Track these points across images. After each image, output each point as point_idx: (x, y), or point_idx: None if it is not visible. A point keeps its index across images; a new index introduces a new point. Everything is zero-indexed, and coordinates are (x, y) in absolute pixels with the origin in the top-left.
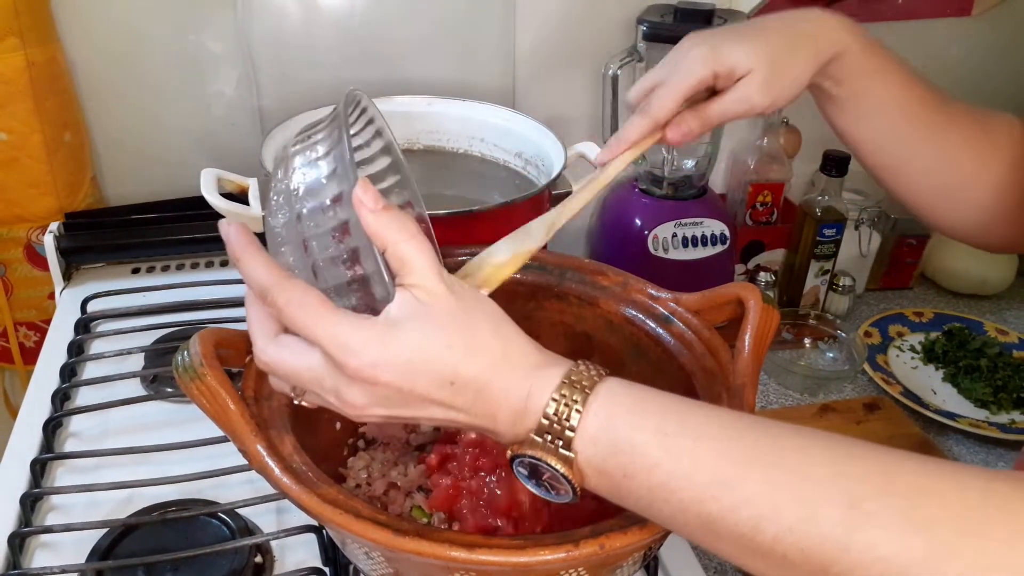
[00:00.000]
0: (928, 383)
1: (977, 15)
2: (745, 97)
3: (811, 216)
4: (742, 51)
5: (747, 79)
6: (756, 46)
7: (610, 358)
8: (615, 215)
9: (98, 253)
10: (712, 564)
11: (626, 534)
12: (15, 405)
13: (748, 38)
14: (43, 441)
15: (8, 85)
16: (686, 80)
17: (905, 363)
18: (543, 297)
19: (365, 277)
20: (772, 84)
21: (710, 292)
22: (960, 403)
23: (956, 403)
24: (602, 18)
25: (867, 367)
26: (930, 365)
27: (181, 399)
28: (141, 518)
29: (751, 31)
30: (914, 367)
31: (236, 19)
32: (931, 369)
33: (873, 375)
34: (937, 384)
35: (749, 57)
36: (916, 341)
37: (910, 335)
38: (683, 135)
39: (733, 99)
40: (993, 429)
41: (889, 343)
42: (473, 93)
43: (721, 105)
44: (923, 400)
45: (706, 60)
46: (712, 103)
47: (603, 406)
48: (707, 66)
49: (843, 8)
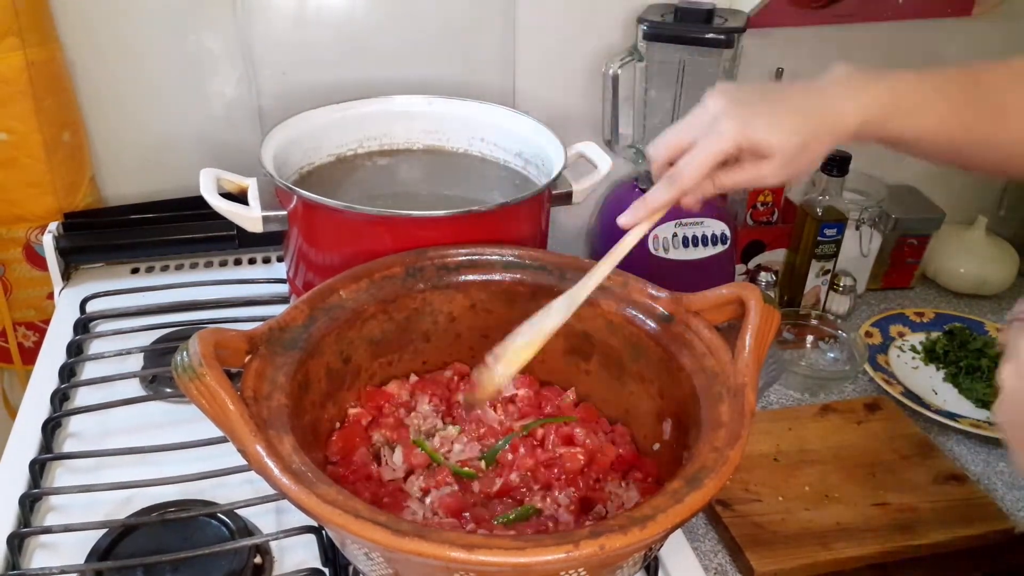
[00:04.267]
0: (929, 383)
1: (977, 15)
2: (761, 176)
3: (812, 216)
4: (772, 134)
5: (767, 162)
6: (784, 130)
7: (610, 358)
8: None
9: (97, 253)
10: (712, 564)
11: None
12: (14, 405)
13: (779, 118)
14: (42, 441)
15: (7, 85)
16: (715, 154)
17: (906, 363)
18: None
19: None
20: (790, 167)
21: (710, 292)
22: (961, 403)
23: (957, 403)
24: (602, 18)
25: (868, 367)
26: (931, 365)
27: (180, 399)
28: (140, 519)
29: (783, 108)
30: (915, 367)
31: (236, 19)
32: (932, 369)
33: (874, 375)
34: (938, 384)
35: (777, 141)
36: (917, 341)
37: (911, 335)
38: (698, 202)
39: (749, 175)
40: (994, 429)
41: (890, 343)
42: (473, 93)
43: (736, 177)
44: (924, 400)
45: (736, 137)
46: (728, 173)
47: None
48: (736, 142)
49: (843, 8)
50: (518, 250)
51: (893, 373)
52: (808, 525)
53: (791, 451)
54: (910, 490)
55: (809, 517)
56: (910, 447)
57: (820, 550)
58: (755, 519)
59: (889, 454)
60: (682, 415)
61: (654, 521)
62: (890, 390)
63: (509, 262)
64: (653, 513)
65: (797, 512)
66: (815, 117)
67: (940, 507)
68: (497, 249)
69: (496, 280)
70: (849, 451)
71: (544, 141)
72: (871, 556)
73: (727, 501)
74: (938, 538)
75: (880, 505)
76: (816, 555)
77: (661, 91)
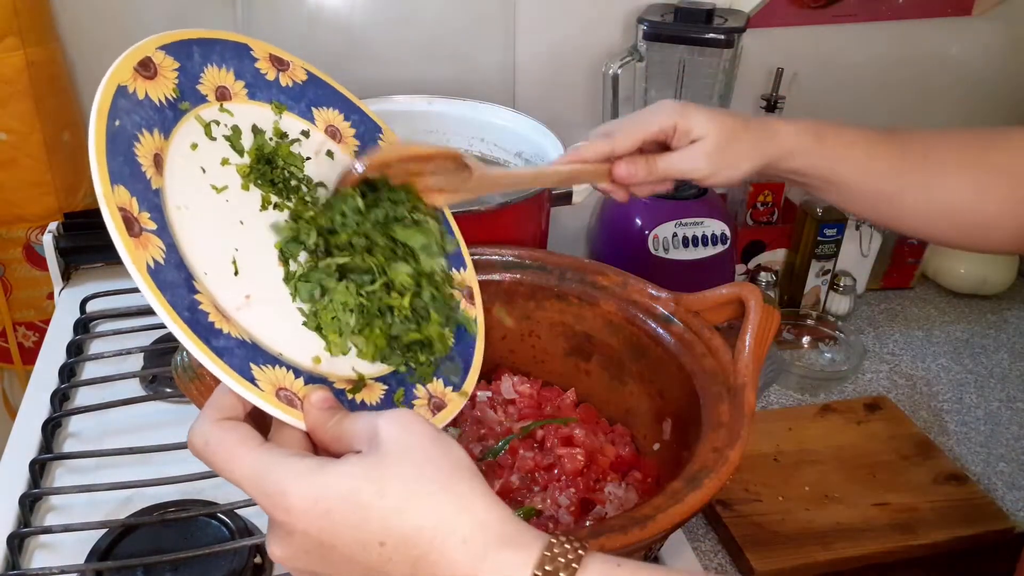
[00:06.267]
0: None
1: (977, 15)
2: (691, 159)
3: (812, 216)
4: (704, 117)
5: (698, 144)
6: (716, 119)
7: (610, 358)
8: (615, 215)
9: (97, 253)
10: (712, 564)
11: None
12: (14, 405)
13: (714, 111)
14: (42, 441)
15: (8, 85)
16: (650, 122)
17: None
18: (543, 297)
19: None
20: (716, 156)
21: (710, 292)
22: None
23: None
24: (602, 18)
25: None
26: None
27: (180, 399)
28: (140, 518)
29: (719, 109)
30: None
31: (236, 19)
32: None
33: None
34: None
35: (707, 125)
36: None
37: None
38: (629, 174)
39: (681, 157)
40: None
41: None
42: (473, 93)
43: (669, 160)
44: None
45: (672, 112)
46: (662, 156)
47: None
48: (672, 117)
49: (843, 8)
50: (518, 250)
51: None
52: (808, 525)
53: (791, 451)
54: (910, 490)
55: (809, 517)
56: (910, 447)
57: (820, 550)
58: (755, 519)
59: (889, 454)
60: (682, 415)
61: (654, 521)
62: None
63: (509, 262)
64: (653, 513)
65: (797, 512)
66: (752, 123)
67: (940, 507)
68: (497, 249)
69: (496, 280)
70: (849, 451)
71: (544, 141)
72: (871, 556)
73: (727, 501)
74: (938, 538)
75: (880, 505)
76: (816, 555)
77: (661, 91)
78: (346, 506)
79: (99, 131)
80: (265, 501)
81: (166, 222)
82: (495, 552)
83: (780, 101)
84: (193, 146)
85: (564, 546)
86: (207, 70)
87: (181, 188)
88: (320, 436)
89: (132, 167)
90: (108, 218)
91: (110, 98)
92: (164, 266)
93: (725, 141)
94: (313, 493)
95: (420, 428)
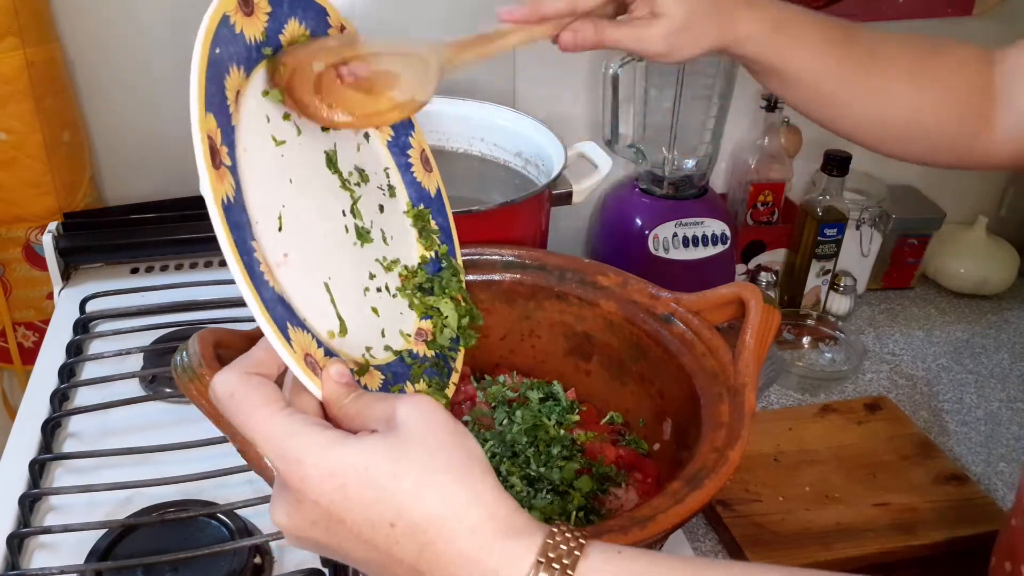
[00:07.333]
0: None
1: (977, 15)
2: (648, 38)
3: (812, 216)
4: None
5: (660, 21)
6: (683, 0)
7: (610, 358)
8: (615, 215)
9: (97, 253)
10: None
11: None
12: (14, 405)
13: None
14: (42, 441)
15: (7, 85)
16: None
17: None
18: (543, 297)
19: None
20: (675, 38)
21: (710, 292)
22: None
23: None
24: None
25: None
26: None
27: (180, 399)
28: (140, 519)
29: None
30: None
31: None
32: None
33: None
34: None
35: (675, 5)
36: None
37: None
38: (576, 41)
39: (637, 34)
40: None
41: None
42: (473, 93)
43: (620, 31)
44: None
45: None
46: (615, 26)
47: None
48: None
49: (843, 8)
50: (518, 250)
51: None
52: (808, 525)
53: (791, 451)
54: (910, 490)
55: (809, 517)
56: (910, 447)
57: (820, 550)
58: (755, 519)
59: (889, 454)
60: (682, 415)
61: (654, 521)
62: None
63: (509, 262)
64: (653, 513)
65: (797, 512)
66: (712, 6)
67: (940, 507)
68: (497, 249)
69: (496, 280)
70: (849, 451)
71: (544, 141)
72: (871, 556)
73: (727, 501)
74: (938, 538)
75: (880, 505)
76: (816, 555)
77: (661, 91)
78: (361, 483)
79: (203, 54)
80: (281, 464)
81: (236, 161)
82: (500, 541)
83: (780, 101)
84: (264, 93)
85: (566, 535)
86: (290, 22)
87: (247, 132)
88: (335, 410)
89: (221, 98)
90: (198, 143)
91: (216, 23)
92: (233, 205)
93: (688, 25)
94: (329, 465)
95: (439, 416)
